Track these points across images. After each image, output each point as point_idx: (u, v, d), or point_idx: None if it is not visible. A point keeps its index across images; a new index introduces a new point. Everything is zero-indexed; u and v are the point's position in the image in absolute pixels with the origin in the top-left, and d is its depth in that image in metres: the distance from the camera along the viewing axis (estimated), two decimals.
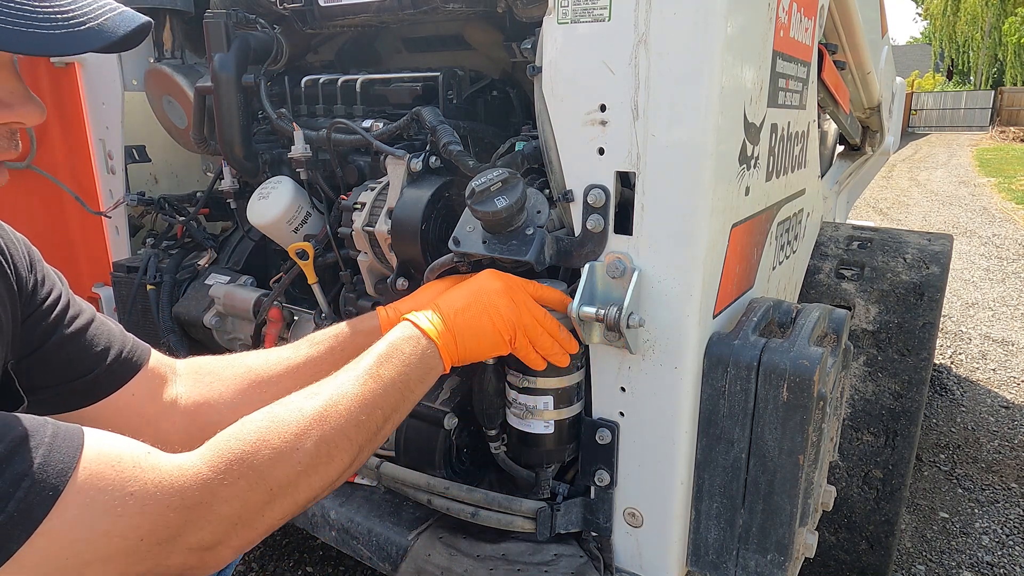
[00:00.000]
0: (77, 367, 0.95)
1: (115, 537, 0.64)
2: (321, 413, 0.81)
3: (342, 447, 0.81)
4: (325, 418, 0.81)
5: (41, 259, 0.97)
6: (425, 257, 1.28)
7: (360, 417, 0.84)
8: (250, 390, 1.04)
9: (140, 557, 0.67)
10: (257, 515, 0.75)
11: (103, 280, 2.16)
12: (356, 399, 0.85)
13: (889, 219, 8.26)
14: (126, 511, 0.65)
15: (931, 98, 29.58)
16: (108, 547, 0.64)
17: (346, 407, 0.83)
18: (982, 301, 4.90)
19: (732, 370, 1.05)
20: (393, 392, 0.89)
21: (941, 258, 1.77)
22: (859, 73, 2.40)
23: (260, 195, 1.53)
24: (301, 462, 0.77)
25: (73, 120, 2.07)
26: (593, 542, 1.22)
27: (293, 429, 0.78)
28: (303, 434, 0.78)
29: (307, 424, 0.79)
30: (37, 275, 0.94)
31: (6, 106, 0.71)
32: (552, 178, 1.12)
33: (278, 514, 0.77)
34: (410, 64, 1.78)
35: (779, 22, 1.17)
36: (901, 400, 1.62)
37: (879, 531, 1.62)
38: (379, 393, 0.88)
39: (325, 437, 0.80)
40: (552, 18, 1.03)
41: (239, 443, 0.75)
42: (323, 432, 0.80)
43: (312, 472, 0.78)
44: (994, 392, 3.42)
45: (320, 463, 0.79)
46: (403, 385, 0.91)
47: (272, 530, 0.79)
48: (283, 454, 0.76)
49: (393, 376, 0.90)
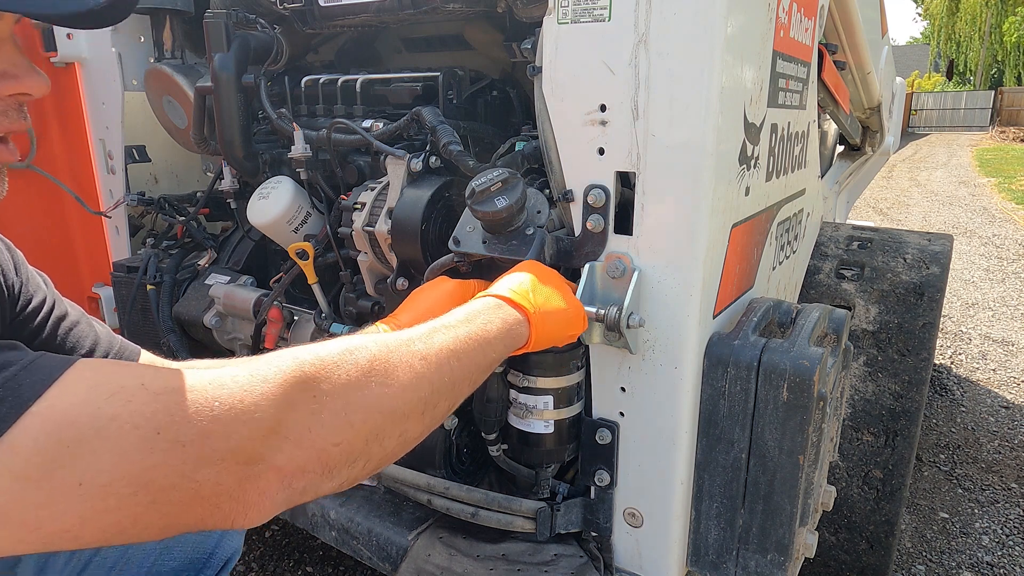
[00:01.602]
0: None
1: (124, 423, 0.53)
2: (437, 355, 0.75)
3: (445, 396, 0.76)
4: (439, 363, 0.75)
5: (24, 261, 0.95)
6: (425, 257, 1.28)
7: (457, 373, 0.78)
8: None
9: (160, 458, 0.54)
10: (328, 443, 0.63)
11: (103, 280, 2.16)
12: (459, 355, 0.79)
13: (889, 219, 8.26)
14: (135, 397, 0.55)
15: (931, 98, 29.58)
16: (118, 435, 0.53)
17: (451, 357, 0.77)
18: (982, 301, 4.89)
19: (732, 370, 1.05)
20: (486, 358, 0.84)
21: (941, 258, 1.77)
22: (859, 73, 2.40)
23: (260, 195, 1.53)
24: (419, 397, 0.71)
25: (73, 120, 2.07)
26: (593, 542, 1.22)
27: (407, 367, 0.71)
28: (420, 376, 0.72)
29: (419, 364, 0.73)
30: (22, 277, 0.93)
31: (11, 77, 0.70)
32: (552, 178, 1.12)
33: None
34: (410, 64, 1.78)
35: (779, 22, 1.17)
36: (901, 400, 1.62)
37: (879, 531, 1.62)
38: (478, 355, 0.82)
39: (433, 382, 0.74)
40: (552, 18, 1.03)
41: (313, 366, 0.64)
42: (431, 378, 0.74)
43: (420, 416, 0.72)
44: (994, 392, 3.42)
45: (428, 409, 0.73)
46: (493, 354, 0.86)
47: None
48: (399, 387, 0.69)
49: (493, 342, 0.84)
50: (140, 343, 1.80)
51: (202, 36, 1.49)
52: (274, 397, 0.60)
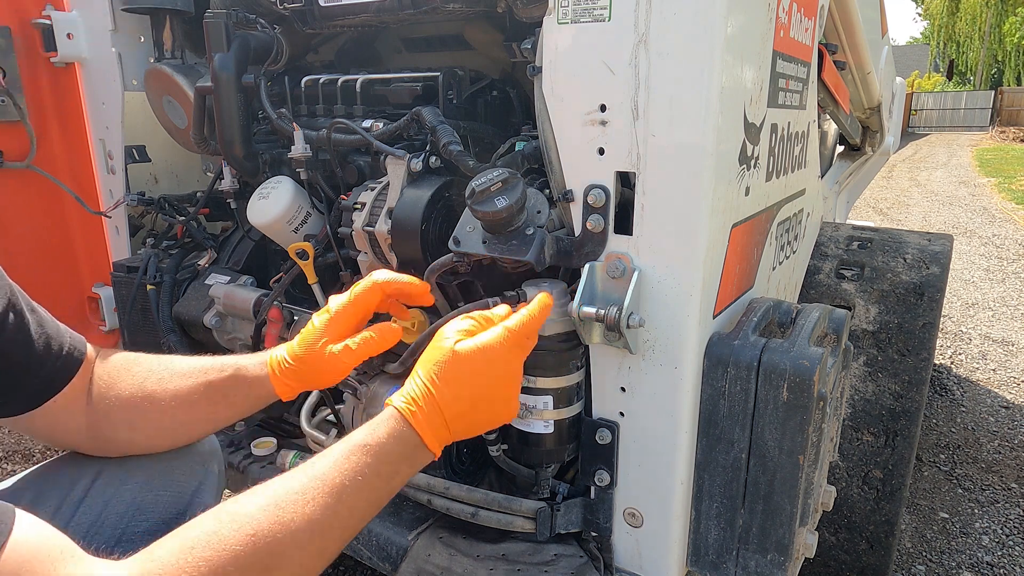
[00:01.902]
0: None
1: None
2: (272, 525, 0.73)
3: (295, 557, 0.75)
4: (274, 532, 0.73)
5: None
6: (425, 257, 1.28)
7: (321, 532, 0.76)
8: (142, 405, 1.00)
9: None
10: None
11: (103, 280, 2.16)
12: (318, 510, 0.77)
13: (889, 219, 8.26)
14: None
15: (931, 98, 29.58)
16: None
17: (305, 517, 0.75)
18: (982, 301, 4.90)
19: (732, 370, 1.05)
20: (369, 502, 0.82)
21: (941, 258, 1.77)
22: (859, 73, 2.40)
23: (260, 195, 1.53)
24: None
25: (73, 120, 2.07)
26: (593, 542, 1.22)
27: (237, 545, 0.70)
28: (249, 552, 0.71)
29: (254, 540, 0.71)
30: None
31: None
32: (552, 178, 1.12)
33: None
34: (410, 64, 1.78)
35: (779, 22, 1.17)
36: (901, 400, 1.62)
37: (879, 531, 1.62)
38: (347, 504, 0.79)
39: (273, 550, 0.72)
40: (552, 18, 1.03)
41: (168, 573, 0.67)
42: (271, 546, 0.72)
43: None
44: (994, 392, 3.42)
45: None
46: (387, 486, 0.84)
47: None
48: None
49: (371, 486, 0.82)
50: (140, 343, 1.83)
51: (202, 36, 1.49)
52: None
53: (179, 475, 1.05)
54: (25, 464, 2.61)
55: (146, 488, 1.01)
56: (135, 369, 1.02)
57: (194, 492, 1.06)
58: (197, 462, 1.09)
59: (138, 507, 0.99)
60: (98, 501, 0.98)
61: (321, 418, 1.50)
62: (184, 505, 1.05)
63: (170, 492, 1.03)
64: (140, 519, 1.00)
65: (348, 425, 1.43)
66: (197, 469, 1.08)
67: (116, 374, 1.01)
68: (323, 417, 1.50)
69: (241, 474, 1.54)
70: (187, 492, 1.05)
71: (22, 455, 2.68)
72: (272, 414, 1.71)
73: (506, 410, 0.95)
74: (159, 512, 1.01)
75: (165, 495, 1.02)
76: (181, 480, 1.05)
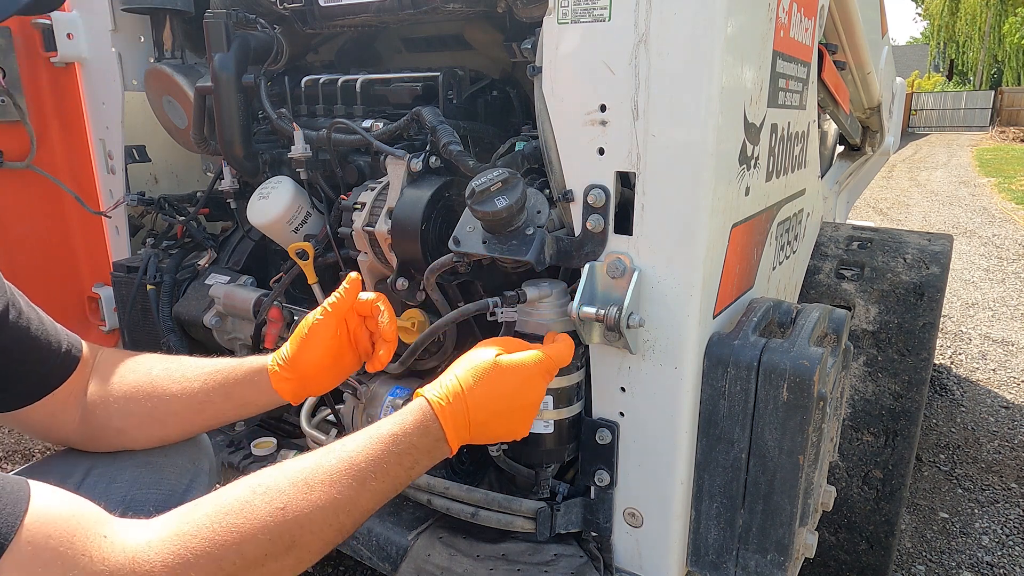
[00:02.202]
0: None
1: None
2: (300, 498, 0.77)
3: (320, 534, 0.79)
4: (302, 505, 0.77)
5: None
6: (425, 257, 1.28)
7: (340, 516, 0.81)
8: (144, 401, 1.02)
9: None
10: None
11: (103, 280, 2.16)
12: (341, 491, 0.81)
13: (889, 219, 8.26)
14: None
15: (931, 98, 29.58)
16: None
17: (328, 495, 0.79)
18: (982, 301, 4.89)
19: (732, 370, 1.05)
20: (387, 486, 0.86)
21: (941, 258, 1.77)
22: (859, 73, 2.40)
23: (260, 195, 1.53)
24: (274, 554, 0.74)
25: (73, 120, 2.07)
26: (593, 542, 1.22)
27: (265, 518, 0.75)
28: (278, 525, 0.75)
29: (283, 513, 0.76)
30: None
31: None
32: (552, 178, 1.12)
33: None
34: (410, 64, 1.78)
35: (779, 22, 1.17)
36: (901, 400, 1.62)
37: (879, 531, 1.62)
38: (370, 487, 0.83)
39: (302, 524, 0.77)
40: (552, 18, 1.03)
41: (202, 535, 0.71)
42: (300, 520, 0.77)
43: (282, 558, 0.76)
44: (994, 392, 3.42)
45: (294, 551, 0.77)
46: (405, 475, 0.87)
47: None
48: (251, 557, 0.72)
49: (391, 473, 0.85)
50: (140, 343, 1.83)
51: (202, 36, 1.49)
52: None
53: (169, 473, 1.06)
54: (25, 464, 2.61)
55: (136, 485, 1.02)
56: (142, 359, 1.07)
57: (184, 490, 1.07)
58: (188, 460, 1.10)
59: (128, 504, 1.00)
60: (88, 497, 0.98)
61: (321, 418, 1.50)
62: (175, 503, 1.05)
63: (160, 489, 1.04)
64: (129, 516, 1.01)
65: (348, 425, 1.43)
66: (187, 468, 1.09)
67: (121, 365, 1.04)
68: (323, 417, 1.50)
69: (241, 474, 1.54)
70: (178, 490, 1.06)
71: (22, 455, 2.68)
72: (272, 414, 1.71)
73: (521, 428, 0.99)
74: (148, 510, 1.02)
75: (155, 493, 1.03)
76: (171, 478, 1.06)
